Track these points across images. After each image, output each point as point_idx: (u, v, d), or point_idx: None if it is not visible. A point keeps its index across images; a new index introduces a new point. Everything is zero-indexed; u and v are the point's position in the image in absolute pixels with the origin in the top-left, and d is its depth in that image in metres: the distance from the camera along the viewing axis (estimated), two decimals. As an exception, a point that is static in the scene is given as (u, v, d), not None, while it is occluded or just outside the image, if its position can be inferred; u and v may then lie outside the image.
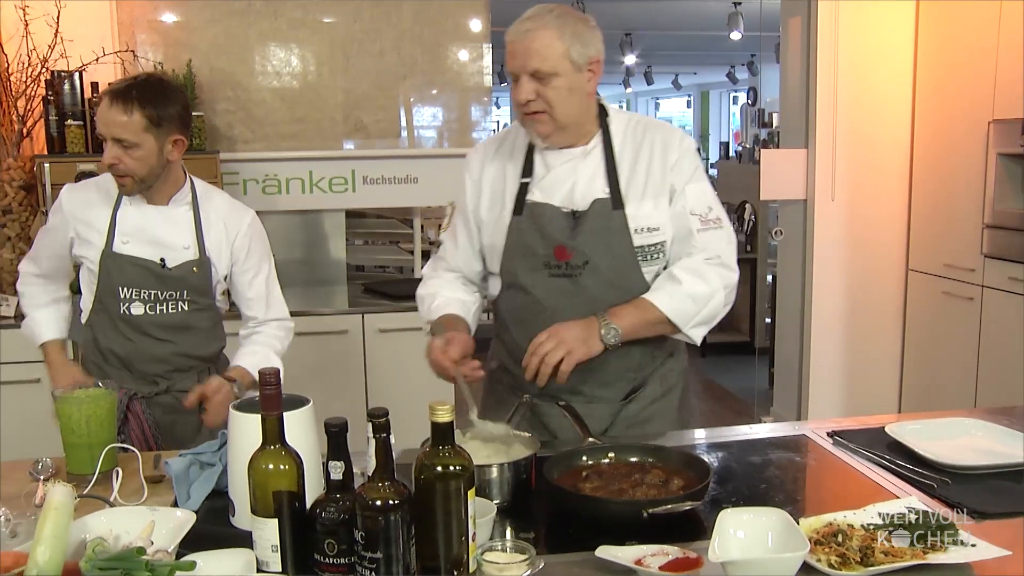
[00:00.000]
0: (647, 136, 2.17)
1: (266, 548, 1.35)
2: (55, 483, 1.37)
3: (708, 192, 2.18)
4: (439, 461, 1.37)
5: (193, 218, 2.43)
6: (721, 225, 2.16)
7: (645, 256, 2.12)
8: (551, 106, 2.04)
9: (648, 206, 2.11)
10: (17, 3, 3.92)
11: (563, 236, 2.11)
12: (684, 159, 2.15)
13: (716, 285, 2.12)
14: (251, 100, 4.57)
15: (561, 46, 2.00)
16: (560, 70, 2.01)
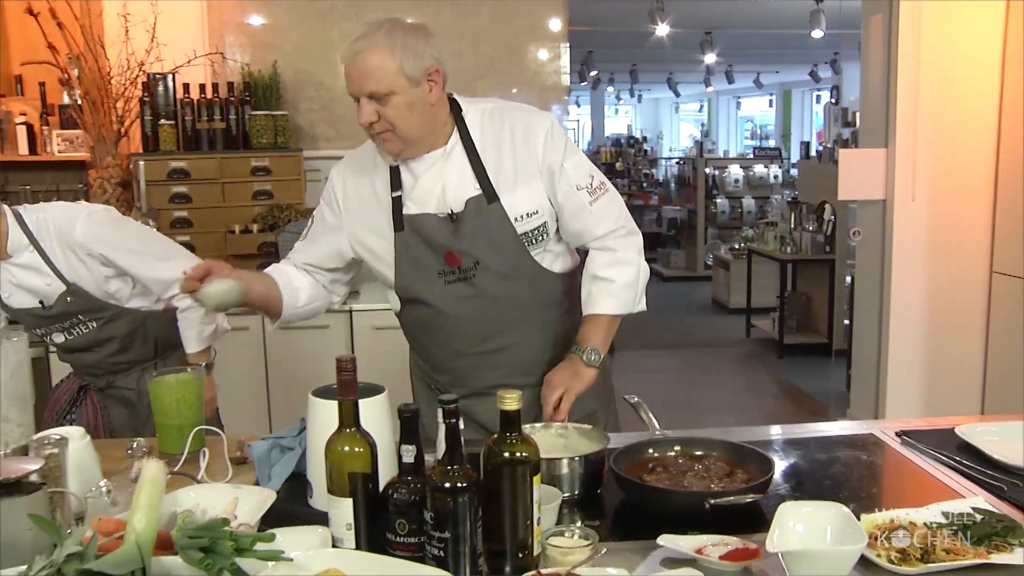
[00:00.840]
0: (505, 122, 2.16)
1: (341, 526, 1.42)
2: (149, 459, 1.47)
3: (584, 162, 2.19)
4: (506, 448, 1.43)
5: (40, 257, 2.49)
6: (606, 188, 2.19)
7: (530, 241, 2.14)
8: (393, 125, 2.00)
9: (522, 192, 2.12)
10: (120, 12, 4.11)
11: (448, 242, 2.12)
12: (551, 138, 2.14)
13: (634, 258, 2.21)
14: (333, 99, 4.70)
15: (393, 64, 1.96)
16: (396, 88, 1.97)
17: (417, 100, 2.00)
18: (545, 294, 2.21)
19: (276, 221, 4.13)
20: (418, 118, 2.03)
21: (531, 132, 2.13)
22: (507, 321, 2.18)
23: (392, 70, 1.96)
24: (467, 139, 2.13)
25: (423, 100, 2.01)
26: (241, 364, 4.11)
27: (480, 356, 2.21)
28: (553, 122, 2.18)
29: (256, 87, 4.29)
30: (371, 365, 4.25)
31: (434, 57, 2.02)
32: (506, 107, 2.22)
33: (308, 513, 1.67)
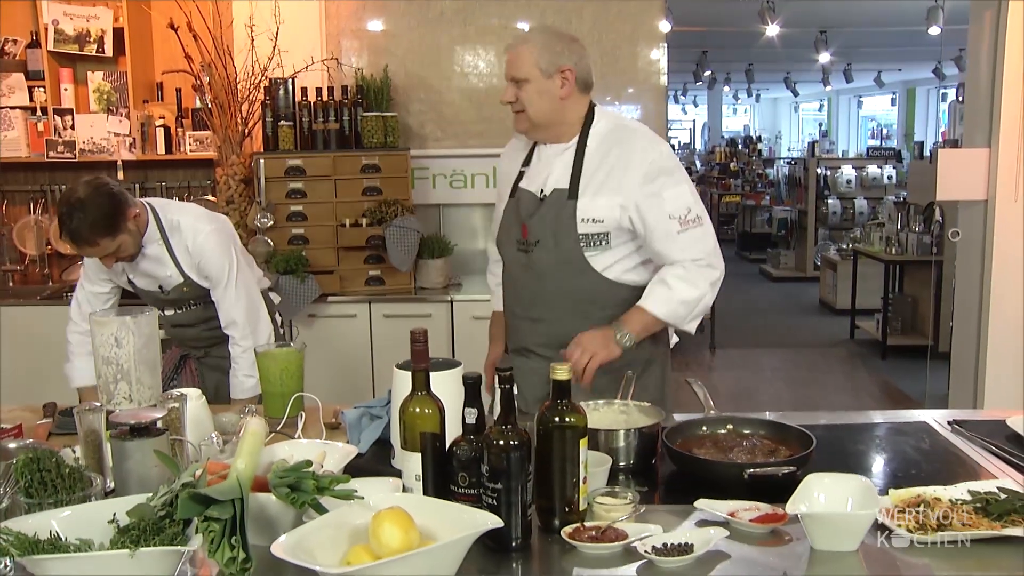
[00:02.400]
0: (621, 141, 2.45)
1: (411, 477, 1.64)
2: (253, 417, 1.71)
3: (685, 194, 2.41)
4: (557, 413, 1.63)
5: (167, 251, 2.82)
6: (701, 223, 2.41)
7: (588, 243, 2.42)
8: (525, 106, 2.42)
9: (598, 201, 2.41)
10: (247, 22, 4.45)
11: (527, 216, 2.49)
12: (654, 168, 2.38)
13: (704, 287, 2.40)
14: (442, 101, 4.95)
15: (531, 57, 2.39)
16: (531, 76, 2.39)
17: (547, 90, 2.40)
18: (591, 290, 2.45)
19: (384, 216, 4.39)
20: (546, 105, 2.41)
21: (637, 156, 2.41)
22: (547, 298, 2.48)
23: (530, 62, 2.39)
24: (583, 142, 2.46)
25: (552, 92, 2.40)
26: (349, 347, 4.41)
27: (523, 320, 2.55)
28: (662, 153, 2.44)
29: (368, 90, 4.56)
30: (469, 352, 4.51)
31: (572, 61, 2.42)
32: (631, 128, 2.52)
33: (390, 472, 1.90)
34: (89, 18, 4.70)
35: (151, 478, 1.57)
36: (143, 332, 2.07)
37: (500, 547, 1.56)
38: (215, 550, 1.34)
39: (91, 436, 1.71)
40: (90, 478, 1.55)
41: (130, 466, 1.59)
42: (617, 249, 2.44)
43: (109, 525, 1.39)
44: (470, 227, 5.07)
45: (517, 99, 2.43)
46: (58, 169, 4.99)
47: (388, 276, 4.47)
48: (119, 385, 2.04)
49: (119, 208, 2.64)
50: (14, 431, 2.02)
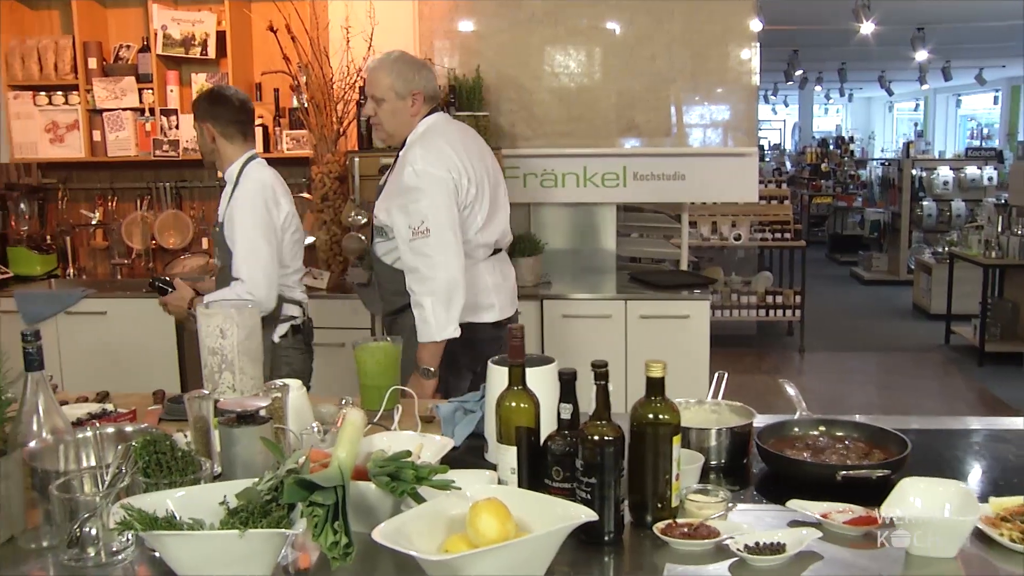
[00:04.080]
0: (404, 155, 2.94)
1: (506, 470, 1.68)
2: (352, 408, 1.77)
3: (422, 208, 2.85)
4: (651, 410, 1.65)
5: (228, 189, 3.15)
6: (428, 234, 2.84)
7: (378, 233, 3.05)
8: (381, 121, 2.98)
9: (382, 201, 3.00)
10: (343, 24, 4.55)
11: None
12: (407, 182, 2.86)
13: (424, 301, 2.86)
14: (532, 101, 4.98)
15: (387, 80, 2.92)
16: (387, 97, 2.93)
17: (400, 110, 2.96)
18: (380, 272, 3.11)
19: (475, 214, 4.44)
20: (398, 121, 2.98)
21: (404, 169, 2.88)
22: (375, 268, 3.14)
23: (386, 84, 2.92)
24: (401, 148, 3.00)
25: (405, 111, 2.96)
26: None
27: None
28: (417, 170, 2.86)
29: (460, 90, 4.62)
30: (558, 350, 4.55)
31: (421, 84, 2.96)
32: (419, 140, 2.96)
33: (484, 465, 1.94)
34: (194, 22, 4.86)
35: (256, 463, 1.64)
36: (246, 324, 2.14)
37: (593, 541, 1.58)
38: (319, 534, 1.39)
39: (200, 423, 1.78)
40: (200, 462, 1.62)
41: (237, 451, 1.65)
42: (392, 242, 2.97)
43: (219, 507, 1.46)
44: (560, 226, 5.10)
45: (375, 114, 2.96)
46: (163, 167, 5.18)
47: (478, 274, 4.51)
48: (223, 375, 2.12)
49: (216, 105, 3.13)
50: (129, 416, 2.12)
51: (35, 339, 1.63)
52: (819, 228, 13.86)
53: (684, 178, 4.96)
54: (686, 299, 4.49)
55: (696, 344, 4.40)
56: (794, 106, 22.05)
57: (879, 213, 12.25)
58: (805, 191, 14.33)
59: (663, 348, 4.33)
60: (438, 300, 2.85)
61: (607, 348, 4.40)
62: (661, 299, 4.50)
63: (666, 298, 4.50)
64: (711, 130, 5.09)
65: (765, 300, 7.99)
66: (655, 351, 4.33)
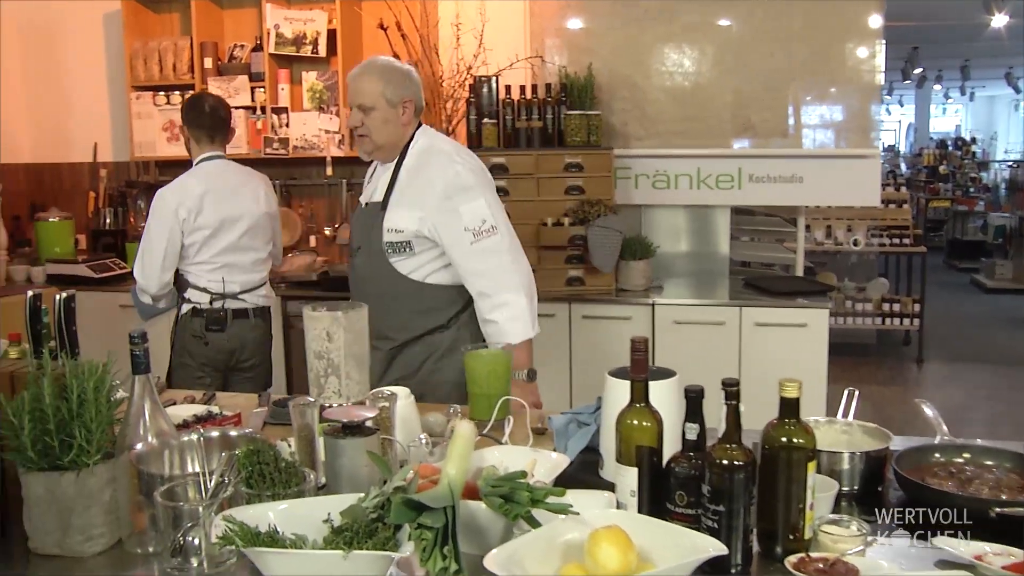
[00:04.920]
0: (428, 159, 2.73)
1: (625, 492, 1.56)
2: (462, 419, 1.68)
3: (482, 207, 2.67)
4: (784, 433, 1.51)
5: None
6: (495, 232, 2.67)
7: (393, 250, 2.72)
8: (370, 131, 2.72)
9: (401, 213, 2.69)
10: (453, 21, 4.50)
11: (353, 225, 2.93)
12: (451, 186, 2.65)
13: (510, 297, 2.66)
14: (645, 100, 4.85)
15: (377, 88, 2.69)
16: (377, 105, 2.69)
17: (391, 119, 2.71)
18: (396, 288, 2.74)
19: (586, 215, 4.34)
20: (389, 131, 2.73)
21: (437, 173, 2.68)
22: (366, 293, 2.75)
23: (376, 92, 2.69)
24: (401, 160, 2.76)
25: (396, 120, 2.72)
26: (547, 347, 4.37)
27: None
28: (458, 172, 2.68)
29: (572, 88, 4.52)
30: (669, 358, 4.39)
31: (411, 92, 2.75)
32: (437, 148, 2.77)
33: (598, 483, 1.83)
34: (306, 21, 4.88)
35: (361, 476, 1.56)
36: (353, 328, 2.08)
37: (718, 572, 1.46)
38: (427, 558, 1.31)
39: (304, 431, 1.72)
40: (304, 473, 1.56)
41: (342, 463, 1.58)
42: (422, 255, 2.71)
43: (323, 524, 1.39)
44: (673, 228, 4.96)
45: (363, 124, 2.71)
46: (273, 165, 5.21)
47: (589, 277, 4.41)
48: (329, 379, 2.06)
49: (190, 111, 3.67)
50: (234, 419, 2.08)
51: (142, 341, 1.59)
52: (936, 233, 13.29)
53: (802, 180, 4.76)
54: (803, 307, 4.29)
55: (813, 355, 4.19)
56: (909, 106, 21.29)
57: (1004, 218, 11.67)
58: (922, 194, 13.77)
59: (779, 358, 4.15)
60: (526, 294, 2.69)
61: (720, 356, 4.24)
62: (778, 306, 4.31)
63: (783, 305, 4.31)
64: (829, 131, 4.87)
65: (881, 308, 7.67)
66: (770, 361, 4.17)
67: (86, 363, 1.59)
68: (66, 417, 1.56)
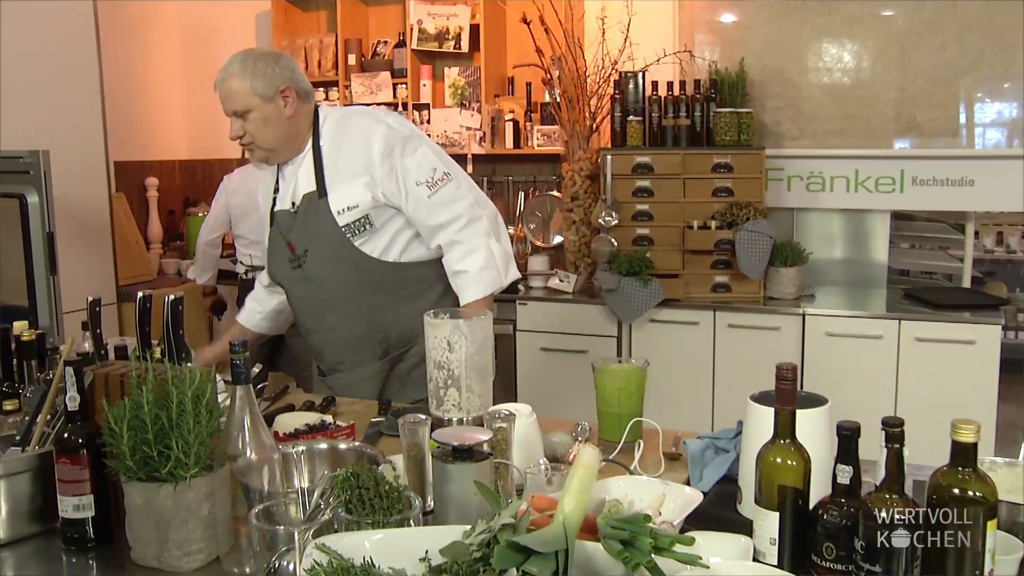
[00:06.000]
0: (347, 126, 2.46)
1: (764, 539, 1.37)
2: (585, 445, 1.53)
3: (427, 156, 2.43)
4: (957, 483, 1.29)
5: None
6: (449, 178, 2.43)
7: (352, 232, 2.42)
8: (254, 137, 2.41)
9: (346, 188, 2.40)
10: (598, 14, 4.35)
11: (288, 232, 2.50)
12: (385, 139, 2.39)
13: (480, 243, 2.44)
14: (800, 97, 4.57)
15: (246, 87, 2.36)
16: (251, 106, 2.37)
17: (272, 115, 2.40)
18: (372, 279, 2.45)
19: (734, 219, 4.11)
20: (275, 130, 2.42)
21: (366, 134, 2.41)
22: (333, 302, 2.48)
23: (246, 91, 2.37)
24: (316, 143, 2.47)
25: (278, 114, 2.41)
26: (689, 356, 4.17)
27: (320, 333, 2.55)
28: (391, 125, 2.43)
29: (722, 84, 4.29)
30: (819, 372, 4.08)
31: (286, 77, 2.41)
32: (353, 113, 2.54)
33: (734, 520, 1.63)
34: (449, 16, 4.81)
35: (471, 505, 1.43)
36: (476, 337, 1.94)
37: (872, 641, 1.26)
38: (534, 609, 1.16)
39: (414, 451, 1.60)
40: (409, 499, 1.43)
41: (450, 490, 1.45)
42: (385, 230, 2.45)
43: (420, 563, 1.25)
44: (827, 234, 4.65)
45: (245, 132, 2.41)
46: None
47: (735, 283, 4.18)
48: (449, 391, 1.93)
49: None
50: (347, 431, 1.99)
51: (243, 350, 1.50)
52: None
53: (972, 184, 4.38)
54: (971, 321, 3.93)
55: (982, 376, 3.83)
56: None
57: None
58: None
59: (942, 378, 3.83)
60: (495, 238, 2.47)
61: (875, 373, 3.94)
62: (941, 320, 3.96)
63: (947, 319, 3.96)
64: (1004, 129, 4.47)
65: (1057, 322, 7.08)
66: (932, 381, 3.85)
67: (187, 370, 1.51)
68: (165, 426, 1.48)
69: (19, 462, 1.65)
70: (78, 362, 1.59)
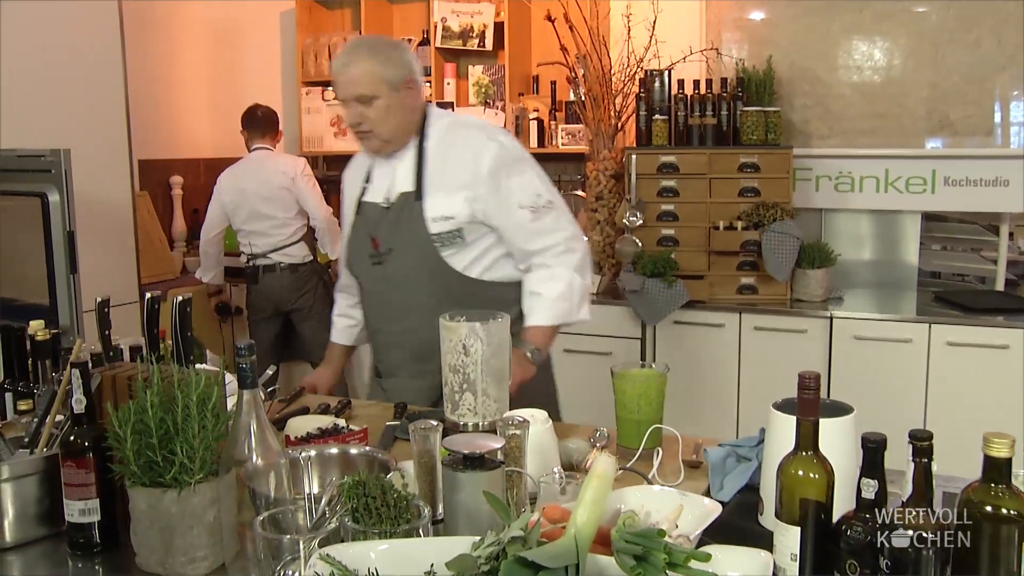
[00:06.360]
0: (459, 136, 2.41)
1: (785, 555, 1.32)
2: (601, 453, 1.48)
3: (533, 181, 2.41)
4: (989, 500, 1.23)
5: None
6: (552, 207, 2.41)
7: (442, 241, 2.37)
8: (374, 125, 2.36)
9: (444, 198, 2.35)
10: (624, 12, 4.29)
11: (376, 228, 2.44)
12: (496, 160, 2.35)
13: (566, 276, 2.40)
14: (829, 95, 4.50)
15: (377, 72, 2.32)
16: (379, 93, 2.32)
17: (397, 105, 2.36)
18: (453, 292, 2.37)
19: (761, 219, 4.05)
20: (396, 120, 2.37)
21: (476, 149, 2.37)
22: (409, 306, 2.41)
23: (377, 78, 2.33)
24: (422, 143, 2.42)
25: (403, 105, 2.36)
26: (713, 358, 4.10)
27: (387, 335, 2.48)
28: (503, 144, 2.39)
29: (749, 83, 4.22)
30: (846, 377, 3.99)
31: (410, 69, 2.38)
32: (465, 123, 2.53)
33: (755, 531, 1.58)
34: (473, 14, 4.78)
35: (481, 515, 1.38)
36: (492, 340, 1.91)
37: (897, 664, 1.20)
38: (543, 626, 1.11)
39: (425, 457, 1.56)
40: (418, 508, 1.39)
41: (460, 499, 1.41)
42: (475, 245, 2.40)
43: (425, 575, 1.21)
44: (856, 235, 4.57)
45: (364, 120, 2.36)
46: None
47: (762, 285, 4.11)
48: (464, 396, 1.90)
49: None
50: (360, 435, 1.95)
51: (249, 353, 1.46)
52: None
53: (1007, 184, 4.29)
54: (1005, 325, 3.83)
55: (1016, 382, 3.72)
56: None
57: None
58: None
59: (973, 383, 3.74)
60: (581, 275, 2.42)
61: (904, 379, 3.85)
62: (973, 324, 3.87)
63: (980, 323, 3.87)
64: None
65: (1095, 326, 6.92)
66: (963, 386, 3.76)
67: (193, 374, 1.48)
68: (171, 430, 1.45)
69: (26, 465, 1.62)
70: (84, 364, 1.56)
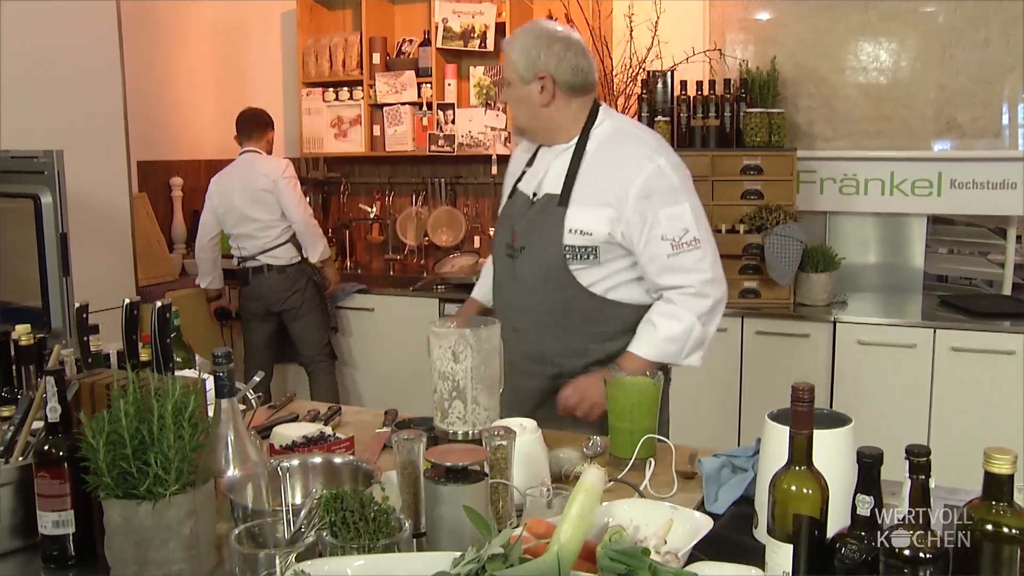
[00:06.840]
0: (619, 148, 2.28)
1: (777, 572, 1.27)
2: (591, 465, 1.43)
3: (685, 215, 2.24)
4: (990, 518, 1.18)
5: None
6: (698, 245, 2.24)
7: (574, 255, 2.26)
8: (512, 110, 2.38)
9: (587, 211, 2.24)
10: (626, 12, 4.24)
11: (517, 220, 2.37)
12: (652, 183, 2.21)
13: (689, 320, 2.24)
14: (834, 96, 4.44)
15: (512, 60, 2.28)
16: (510, 80, 2.29)
17: (525, 97, 2.28)
18: (573, 305, 2.29)
19: (764, 223, 3.99)
20: (526, 111, 2.31)
21: (633, 167, 2.23)
22: (528, 307, 2.34)
23: (511, 66, 2.29)
24: (582, 145, 2.30)
25: (531, 99, 2.28)
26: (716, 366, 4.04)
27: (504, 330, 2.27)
28: (662, 166, 2.23)
29: (753, 84, 4.17)
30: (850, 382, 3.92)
31: (550, 65, 2.25)
32: (631, 134, 2.34)
33: (749, 546, 1.54)
34: (474, 14, 4.73)
35: (464, 529, 1.34)
36: (482, 348, 1.86)
37: None
38: (522, 649, 1.07)
39: (408, 468, 1.51)
40: (399, 521, 1.34)
41: (442, 512, 1.37)
42: (607, 265, 2.29)
43: (403, 593, 1.17)
44: (861, 238, 4.51)
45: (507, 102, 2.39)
46: (438, 162, 5.10)
47: (764, 289, 4.06)
48: (454, 403, 1.85)
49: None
50: (346, 444, 1.90)
51: (226, 361, 1.42)
52: None
53: (1015, 187, 4.23)
54: (1011, 331, 3.77)
55: (1021, 388, 3.68)
56: None
57: None
58: None
59: (978, 389, 3.68)
60: (705, 323, 2.26)
61: (909, 384, 3.80)
62: (979, 329, 3.81)
63: (986, 328, 3.80)
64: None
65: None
66: (968, 392, 3.70)
67: (170, 382, 1.44)
68: (146, 440, 1.41)
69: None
70: (59, 371, 1.52)
